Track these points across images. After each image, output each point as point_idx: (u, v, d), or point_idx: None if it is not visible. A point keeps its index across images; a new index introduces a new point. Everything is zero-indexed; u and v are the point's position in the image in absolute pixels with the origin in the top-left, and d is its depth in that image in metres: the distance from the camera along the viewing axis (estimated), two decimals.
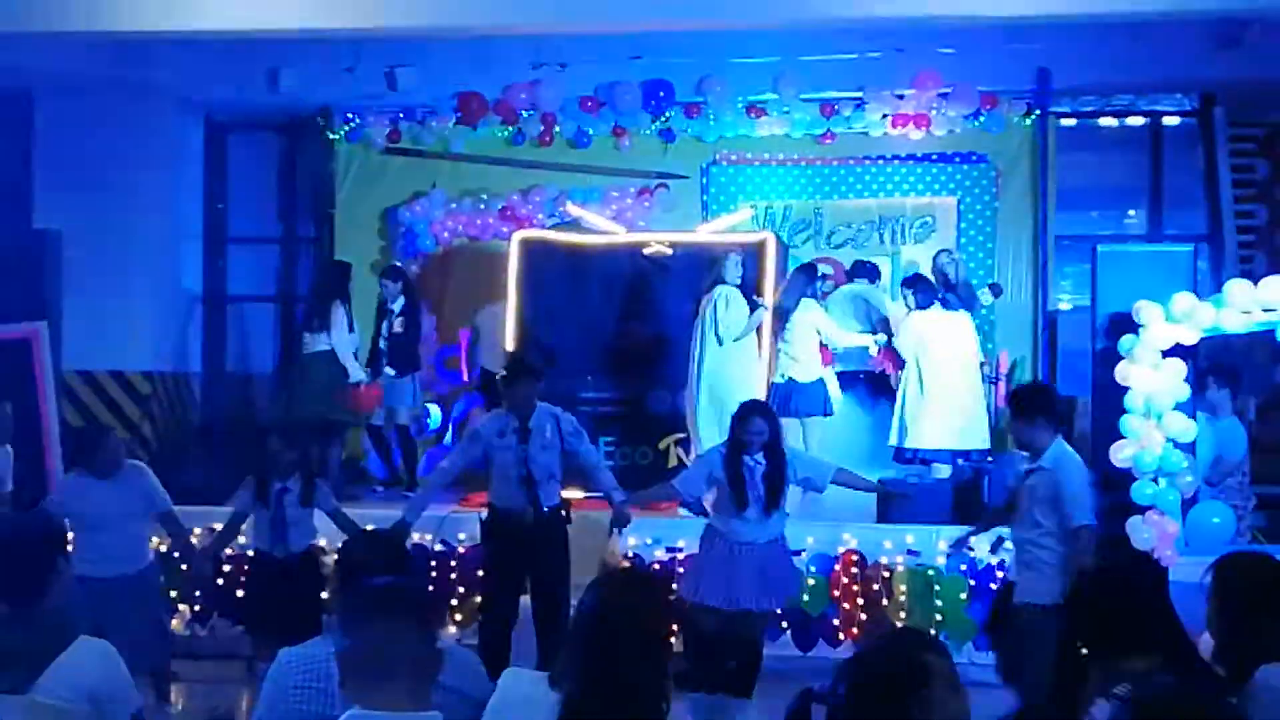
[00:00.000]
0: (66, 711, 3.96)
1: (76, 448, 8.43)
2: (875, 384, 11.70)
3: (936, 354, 10.52)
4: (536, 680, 3.76)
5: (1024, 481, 7.06)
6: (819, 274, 11.23)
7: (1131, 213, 13.34)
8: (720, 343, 10.31)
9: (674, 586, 3.67)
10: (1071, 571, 6.56)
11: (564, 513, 8.34)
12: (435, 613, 3.22)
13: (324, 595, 8.41)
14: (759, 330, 10.56)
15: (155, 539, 8.68)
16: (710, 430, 9.90)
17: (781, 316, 10.75)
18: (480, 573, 8.87)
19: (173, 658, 8.53)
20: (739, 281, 10.49)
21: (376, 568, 3.97)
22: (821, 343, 10.92)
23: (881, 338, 11.17)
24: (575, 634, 3.66)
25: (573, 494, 8.93)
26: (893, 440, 10.75)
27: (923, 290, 10.77)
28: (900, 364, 10.91)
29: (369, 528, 7.52)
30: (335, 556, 5.34)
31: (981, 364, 10.96)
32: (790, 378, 10.74)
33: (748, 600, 7.75)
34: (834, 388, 11.06)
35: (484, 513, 8.43)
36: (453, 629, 9.30)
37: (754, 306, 10.45)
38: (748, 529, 7.81)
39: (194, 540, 8.75)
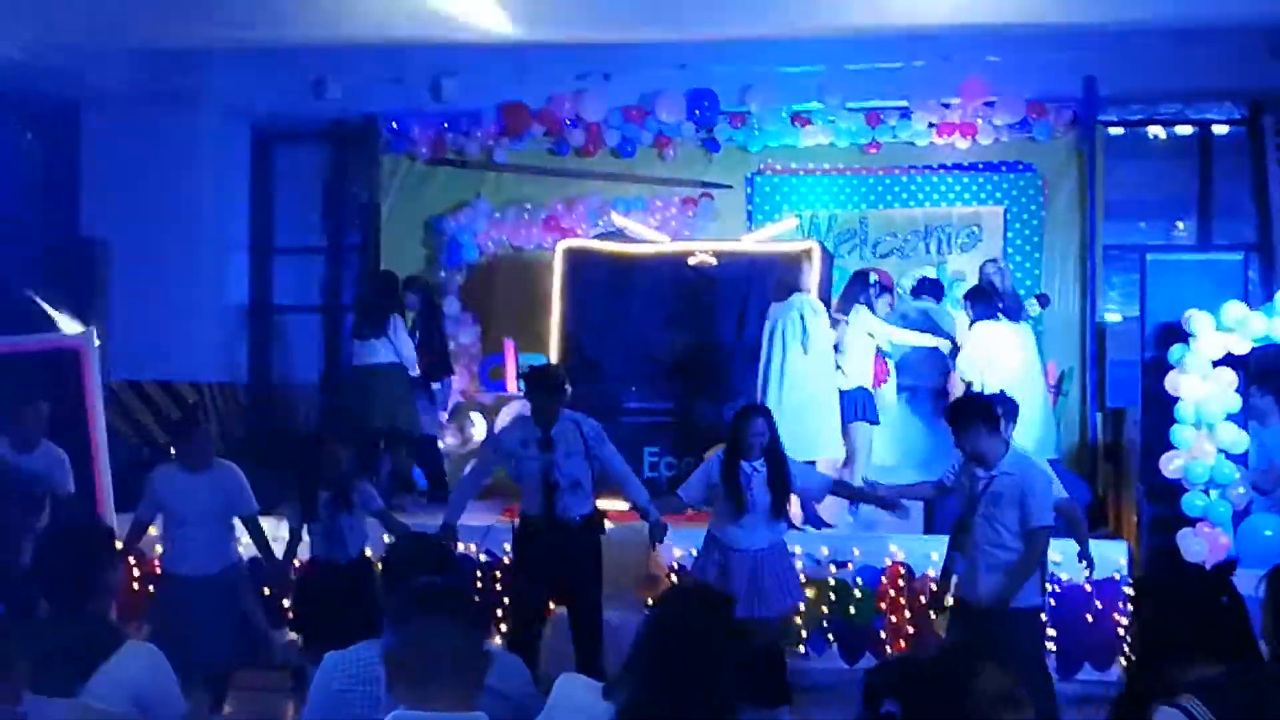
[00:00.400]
0: (113, 716, 3.97)
1: (170, 439, 8.45)
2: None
3: (1004, 366, 10.38)
4: (591, 688, 3.74)
5: (986, 489, 6.97)
6: (871, 280, 11.13)
7: (1180, 225, 13.17)
8: (806, 351, 10.10)
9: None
10: (1031, 573, 6.78)
11: (597, 522, 8.24)
12: (481, 614, 3.20)
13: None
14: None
15: None
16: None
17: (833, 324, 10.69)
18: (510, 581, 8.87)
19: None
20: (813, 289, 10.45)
21: (422, 568, 3.97)
22: (881, 352, 10.84)
23: (945, 343, 11.07)
24: (638, 646, 3.64)
25: (613, 504, 8.89)
26: None
27: (984, 303, 10.69)
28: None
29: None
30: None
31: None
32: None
33: (742, 608, 7.66)
34: (890, 397, 10.99)
35: (516, 522, 8.40)
36: (498, 639, 9.27)
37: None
38: (744, 535, 7.82)
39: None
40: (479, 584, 9.49)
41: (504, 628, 9.24)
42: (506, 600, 9.48)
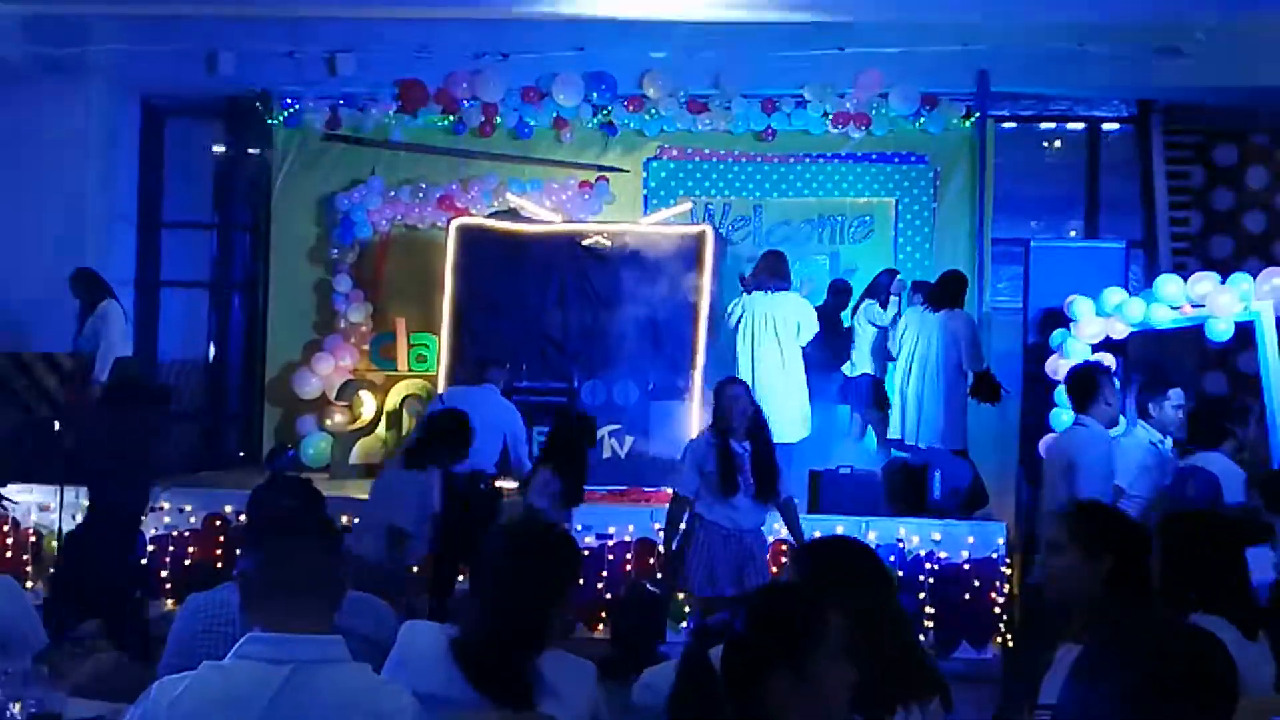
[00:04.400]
0: None
1: None
2: None
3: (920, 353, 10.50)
4: (432, 629, 3.73)
5: None
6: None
7: (1072, 233, 13.32)
8: (792, 345, 10.34)
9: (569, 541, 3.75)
10: None
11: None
12: (336, 537, 3.16)
13: None
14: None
15: None
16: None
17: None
18: None
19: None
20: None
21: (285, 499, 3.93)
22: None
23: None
24: (475, 575, 3.73)
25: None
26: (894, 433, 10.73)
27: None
28: None
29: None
30: None
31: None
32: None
33: (728, 586, 7.68)
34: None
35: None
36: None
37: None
38: (738, 516, 7.77)
39: None
40: None
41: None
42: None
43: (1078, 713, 2.22)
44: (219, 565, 9.48)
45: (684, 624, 9.32)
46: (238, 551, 7.49)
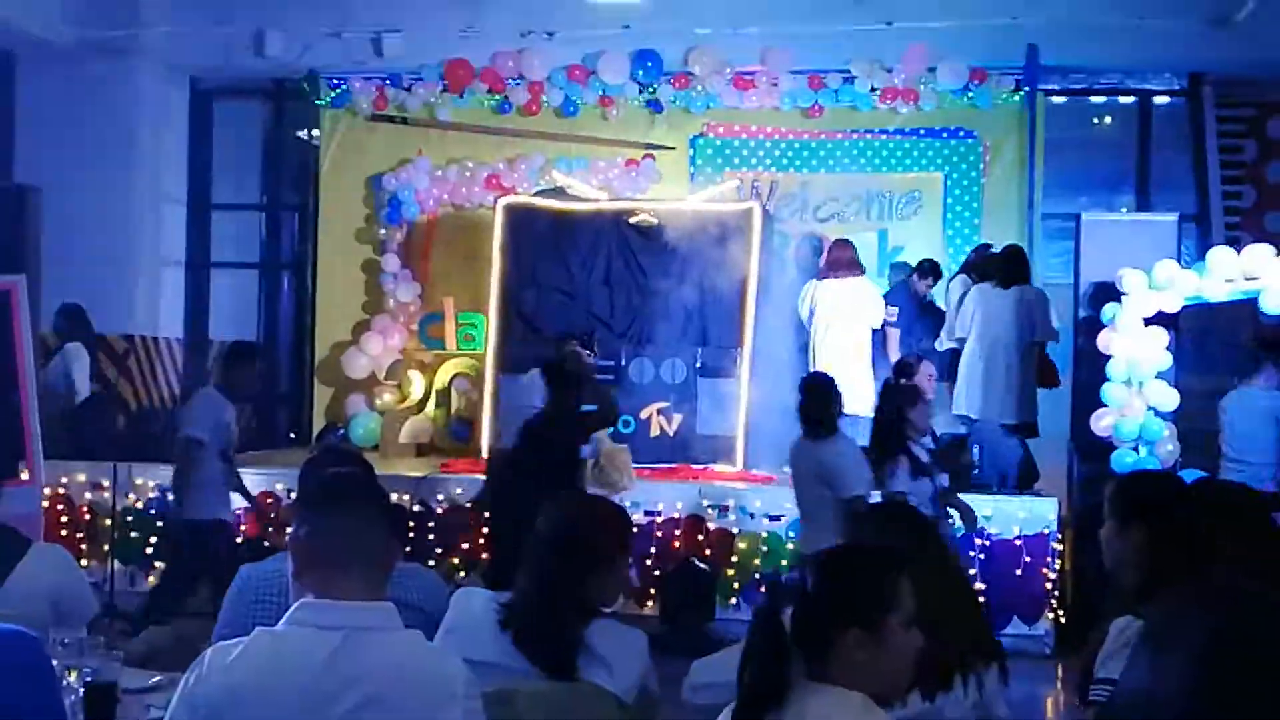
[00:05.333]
0: (27, 616, 3.95)
1: None
2: None
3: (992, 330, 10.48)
4: (486, 597, 3.74)
5: None
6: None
7: (1123, 210, 13.16)
8: (852, 334, 10.64)
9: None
10: None
11: None
12: (388, 503, 3.19)
13: None
14: None
15: None
16: None
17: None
18: None
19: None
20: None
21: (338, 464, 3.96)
22: None
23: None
24: (529, 546, 3.73)
25: None
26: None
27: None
28: None
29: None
30: None
31: None
32: None
33: None
34: None
35: None
36: None
37: None
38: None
39: None
40: (412, 535, 9.49)
41: None
42: (439, 551, 9.56)
43: (1145, 686, 2.18)
44: (270, 542, 9.55)
45: (733, 601, 9.33)
46: (288, 525, 7.59)
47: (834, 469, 7.13)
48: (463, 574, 9.52)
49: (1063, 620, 9.21)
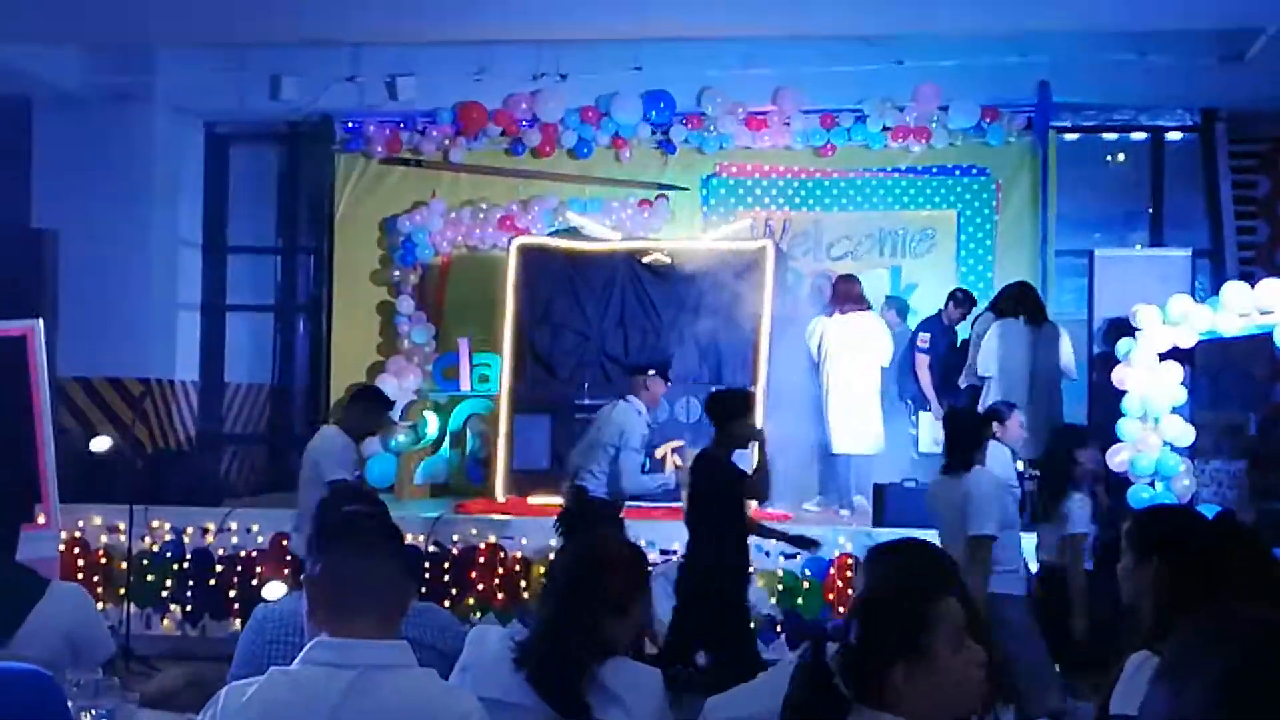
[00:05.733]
0: (45, 655, 3.99)
1: None
2: None
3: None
4: (501, 635, 3.75)
5: None
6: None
7: (1138, 247, 13.14)
8: (858, 369, 10.75)
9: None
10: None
11: None
12: (403, 542, 3.20)
13: None
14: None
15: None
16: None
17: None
18: None
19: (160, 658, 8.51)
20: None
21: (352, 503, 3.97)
22: None
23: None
24: (545, 582, 3.78)
25: None
26: None
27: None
28: None
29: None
30: None
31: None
32: None
33: None
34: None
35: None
36: None
37: None
38: None
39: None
40: (427, 575, 9.49)
41: None
42: (454, 592, 9.54)
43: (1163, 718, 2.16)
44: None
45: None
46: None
47: (970, 502, 7.05)
48: (478, 615, 9.50)
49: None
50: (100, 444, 9.97)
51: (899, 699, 2.78)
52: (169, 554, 10.13)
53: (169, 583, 10.05)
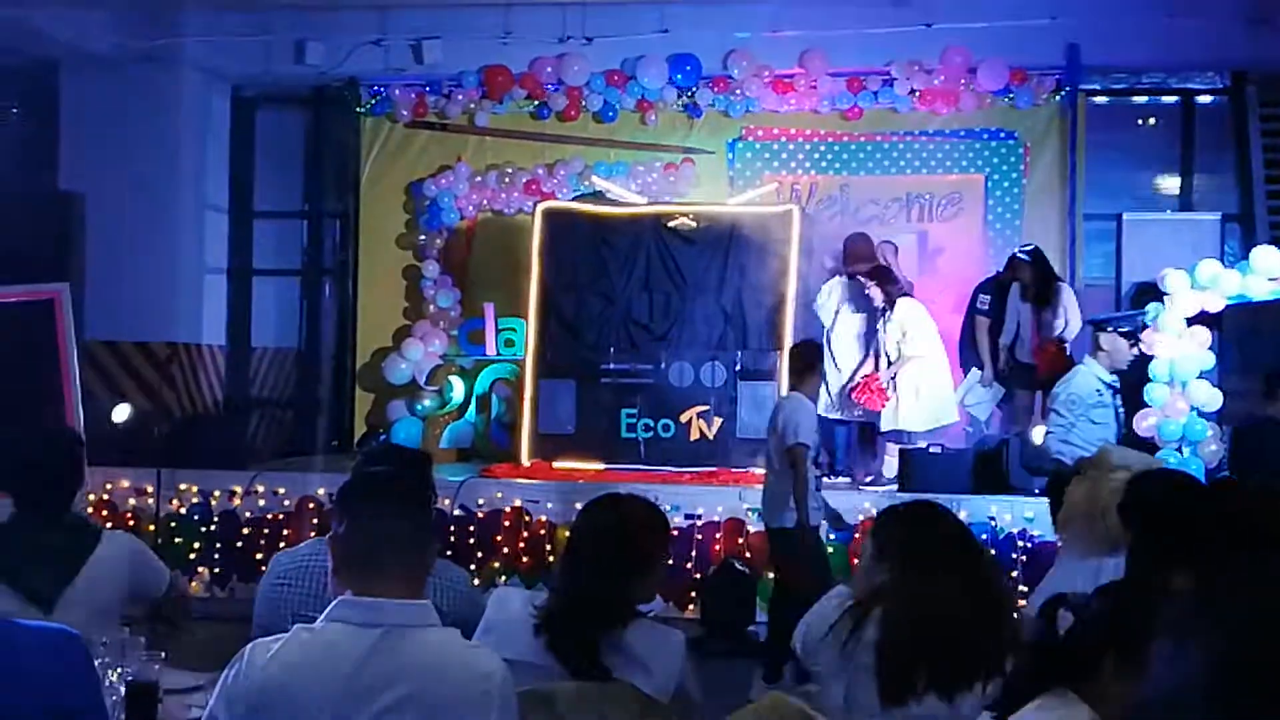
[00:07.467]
0: (107, 596, 4.41)
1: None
2: None
3: None
4: (524, 597, 3.77)
5: None
6: None
7: (1161, 183, 13.08)
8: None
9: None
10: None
11: None
12: (428, 503, 3.23)
13: None
14: None
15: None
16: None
17: None
18: None
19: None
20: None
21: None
22: None
23: None
24: (566, 545, 3.87)
25: None
26: None
27: None
28: None
29: None
30: None
31: None
32: None
33: None
34: None
35: None
36: None
37: None
38: None
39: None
40: (451, 538, 9.53)
41: (476, 583, 9.23)
42: (479, 555, 9.59)
43: (1166, 673, 2.16)
44: None
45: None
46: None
47: None
48: (503, 578, 9.53)
49: None
50: (120, 413, 10.03)
51: (1097, 685, 2.81)
52: (196, 517, 10.18)
53: (197, 545, 10.10)
